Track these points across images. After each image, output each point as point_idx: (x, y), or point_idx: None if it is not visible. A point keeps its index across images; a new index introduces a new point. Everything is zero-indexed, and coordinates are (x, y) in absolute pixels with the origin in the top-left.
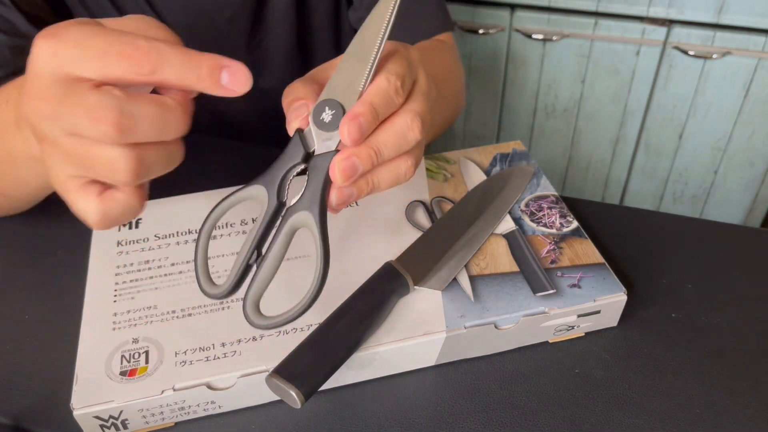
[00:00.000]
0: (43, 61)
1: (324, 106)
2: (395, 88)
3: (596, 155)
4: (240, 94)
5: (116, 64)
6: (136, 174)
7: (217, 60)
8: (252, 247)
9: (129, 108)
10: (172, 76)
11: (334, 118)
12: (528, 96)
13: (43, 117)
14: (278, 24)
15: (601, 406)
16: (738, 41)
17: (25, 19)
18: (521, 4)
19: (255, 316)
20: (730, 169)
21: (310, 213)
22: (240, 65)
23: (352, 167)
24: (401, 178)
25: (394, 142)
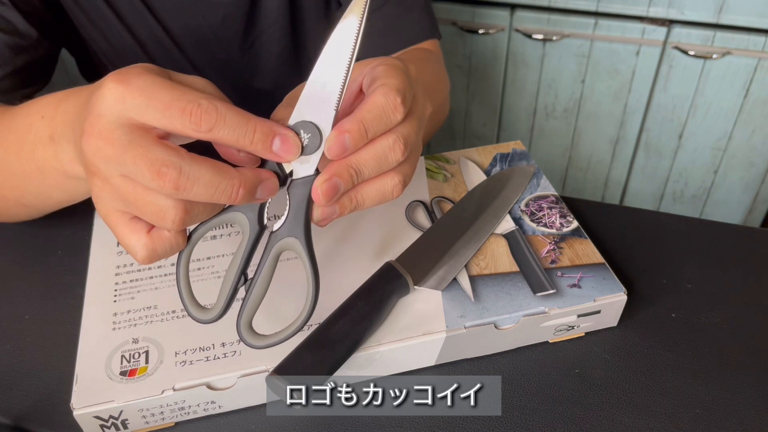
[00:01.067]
0: (110, 103)
1: (299, 129)
2: (394, 104)
3: (596, 155)
4: (289, 161)
5: (178, 118)
6: (182, 223)
7: (271, 126)
8: (239, 272)
9: (189, 169)
10: (227, 137)
11: (311, 141)
12: (528, 96)
13: (103, 157)
14: (271, 25)
15: (601, 406)
16: (738, 41)
17: (23, 18)
18: (521, 4)
19: (249, 337)
20: (730, 169)
21: (296, 239)
22: (292, 134)
23: (334, 188)
24: (387, 195)
25: (374, 163)
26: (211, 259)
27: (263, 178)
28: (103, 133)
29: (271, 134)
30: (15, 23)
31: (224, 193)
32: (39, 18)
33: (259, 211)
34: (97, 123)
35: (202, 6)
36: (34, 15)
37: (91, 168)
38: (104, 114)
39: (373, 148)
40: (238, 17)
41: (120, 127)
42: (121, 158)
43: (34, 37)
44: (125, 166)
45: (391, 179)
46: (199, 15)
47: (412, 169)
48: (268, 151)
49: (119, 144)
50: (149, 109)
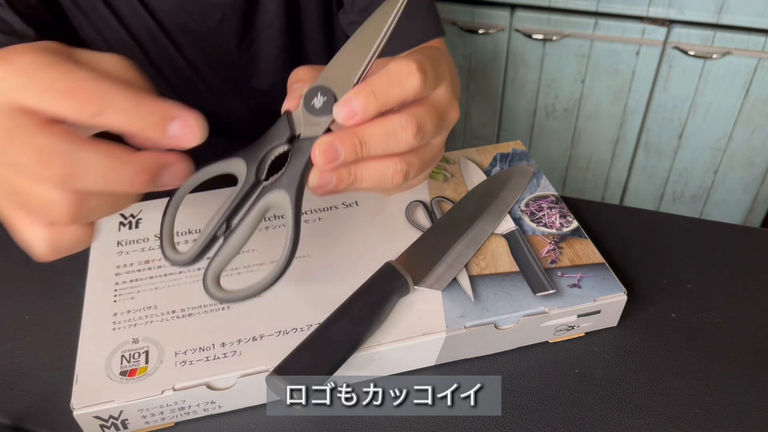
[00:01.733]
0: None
1: (317, 91)
2: (408, 69)
3: (596, 155)
4: (189, 146)
5: (59, 100)
6: (72, 218)
7: (168, 109)
8: (222, 219)
9: (80, 156)
10: (116, 121)
11: (325, 105)
12: (528, 96)
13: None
14: (269, 25)
15: (601, 406)
16: (738, 41)
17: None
18: (521, 4)
19: (214, 289)
20: (730, 169)
21: (286, 193)
22: (193, 116)
23: (334, 151)
24: (386, 181)
25: (382, 138)
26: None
27: (168, 162)
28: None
29: (169, 117)
30: (12, 23)
31: (121, 181)
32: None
33: (260, 163)
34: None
35: (200, 6)
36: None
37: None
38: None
39: (382, 122)
40: (236, 17)
41: (2, 111)
42: (3, 146)
43: (31, 37)
44: (9, 155)
45: (394, 164)
46: (198, 15)
47: (420, 165)
48: (164, 136)
49: (2, 130)
50: (29, 91)
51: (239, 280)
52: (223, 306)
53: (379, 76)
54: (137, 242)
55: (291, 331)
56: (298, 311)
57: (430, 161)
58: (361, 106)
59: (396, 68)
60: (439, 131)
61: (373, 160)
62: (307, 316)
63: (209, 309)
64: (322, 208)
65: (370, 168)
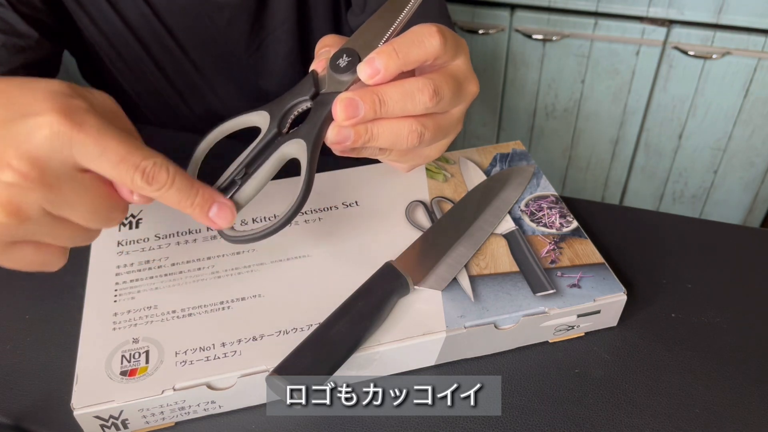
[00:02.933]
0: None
1: (342, 53)
2: (429, 31)
3: (596, 155)
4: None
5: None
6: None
7: (211, 194)
8: (241, 166)
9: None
10: (171, 199)
11: (349, 64)
12: (528, 96)
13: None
14: (278, 26)
15: (601, 406)
16: (738, 41)
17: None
18: (521, 4)
19: (227, 229)
20: (730, 169)
21: (304, 141)
22: (229, 204)
23: (354, 107)
24: (402, 139)
25: (400, 98)
26: (211, 258)
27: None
28: (36, 177)
29: (210, 201)
30: (13, 24)
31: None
32: (40, 19)
33: (283, 116)
34: (28, 165)
35: (207, 7)
36: (34, 16)
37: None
38: (40, 157)
39: (401, 83)
40: (245, 18)
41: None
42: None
43: (34, 38)
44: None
45: (410, 124)
46: (205, 16)
47: (436, 130)
48: (204, 215)
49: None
50: (101, 160)
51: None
52: (224, 306)
53: (402, 37)
54: (137, 242)
55: (291, 331)
56: (298, 311)
57: (447, 129)
58: (383, 64)
59: (418, 30)
60: (457, 101)
61: (391, 119)
62: (307, 316)
63: (209, 309)
64: (322, 208)
65: (387, 126)
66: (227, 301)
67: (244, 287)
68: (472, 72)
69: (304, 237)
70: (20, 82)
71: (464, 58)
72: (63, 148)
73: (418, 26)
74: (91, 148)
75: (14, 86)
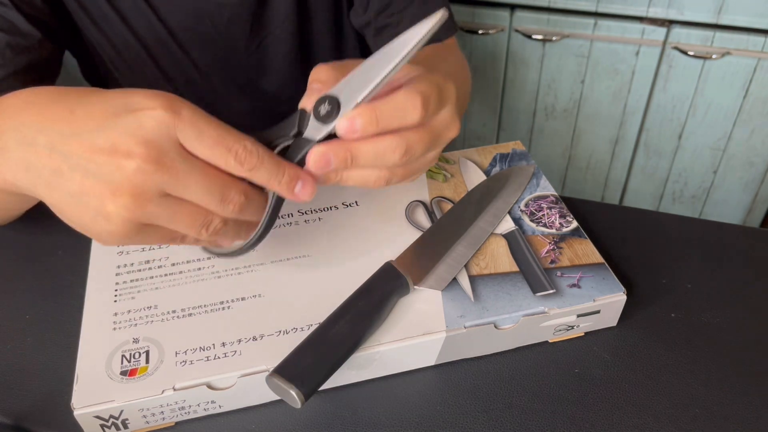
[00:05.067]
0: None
1: (325, 99)
2: (413, 104)
3: (596, 155)
4: (304, 201)
5: (223, 155)
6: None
7: (297, 171)
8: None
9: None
10: (261, 177)
11: (329, 114)
12: (528, 96)
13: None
14: (279, 26)
15: (601, 406)
16: (737, 41)
17: (24, 18)
18: (521, 5)
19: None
20: (730, 169)
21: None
22: (312, 179)
23: (327, 161)
24: (369, 184)
25: (371, 156)
26: (211, 258)
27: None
28: (154, 158)
29: (296, 178)
30: (16, 23)
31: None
32: (41, 19)
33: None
34: (145, 148)
35: (207, 6)
36: (36, 16)
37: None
38: (154, 140)
39: (374, 142)
40: (246, 18)
41: (174, 153)
42: (177, 181)
43: (36, 37)
44: (182, 188)
45: (378, 172)
46: (205, 15)
47: (404, 174)
48: (291, 191)
49: (178, 170)
50: (198, 143)
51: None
52: (223, 306)
53: (385, 102)
54: None
55: (291, 331)
56: (298, 311)
57: (417, 171)
58: (361, 127)
59: (402, 100)
60: (431, 150)
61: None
62: (307, 316)
63: (209, 309)
64: (322, 208)
65: (356, 173)
66: (227, 301)
67: (244, 287)
68: (454, 120)
69: (304, 237)
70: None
71: (449, 108)
72: (170, 131)
73: (404, 94)
74: (190, 132)
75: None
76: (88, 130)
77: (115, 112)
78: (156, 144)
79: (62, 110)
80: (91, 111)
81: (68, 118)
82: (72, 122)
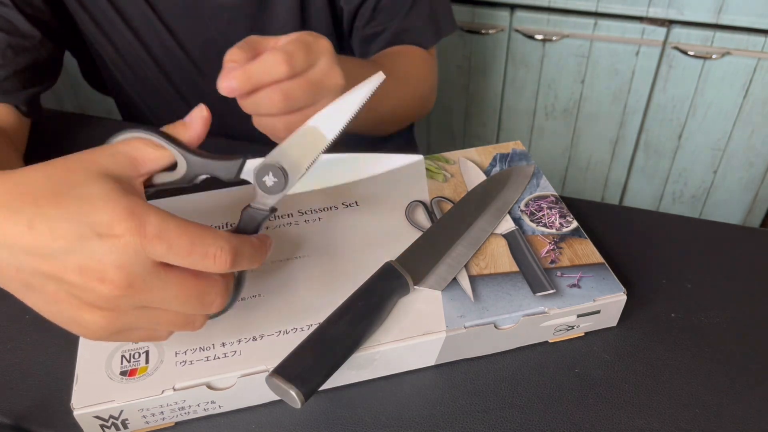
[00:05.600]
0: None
1: (268, 170)
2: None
3: (596, 155)
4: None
5: (201, 261)
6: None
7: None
8: None
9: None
10: (242, 267)
11: (275, 185)
12: (528, 96)
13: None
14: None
15: (601, 406)
16: (737, 41)
17: (25, 19)
18: (521, 5)
19: None
20: (730, 169)
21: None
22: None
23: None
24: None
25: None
26: None
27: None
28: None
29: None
30: (17, 24)
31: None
32: (42, 19)
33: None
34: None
35: (208, 7)
36: (36, 16)
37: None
38: (125, 264)
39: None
40: (244, 20)
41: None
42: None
43: (37, 38)
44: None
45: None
46: (206, 16)
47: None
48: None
49: (152, 287)
50: (172, 255)
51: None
52: None
53: (254, 63)
54: None
55: (291, 331)
56: (298, 311)
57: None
58: (238, 86)
59: (269, 58)
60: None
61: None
62: (307, 316)
63: None
64: (322, 208)
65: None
66: None
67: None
68: (332, 67)
69: (304, 237)
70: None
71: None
72: (139, 255)
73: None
74: (159, 249)
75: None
76: (55, 251)
77: (82, 233)
78: (127, 268)
79: (19, 222)
80: (53, 228)
81: (28, 234)
82: (35, 238)
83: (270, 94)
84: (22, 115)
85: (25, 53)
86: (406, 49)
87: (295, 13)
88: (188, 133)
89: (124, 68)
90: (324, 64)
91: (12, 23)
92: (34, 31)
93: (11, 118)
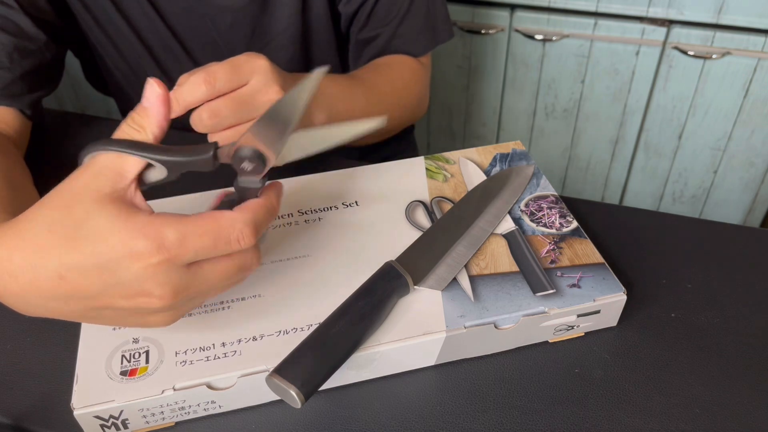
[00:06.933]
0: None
1: (244, 155)
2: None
3: (596, 155)
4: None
5: (227, 249)
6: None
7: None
8: None
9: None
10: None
11: (255, 169)
12: (528, 96)
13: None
14: (281, 32)
15: (601, 406)
16: (737, 41)
17: (31, 21)
18: (521, 4)
19: None
20: (730, 169)
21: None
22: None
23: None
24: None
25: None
26: None
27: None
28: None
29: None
30: (23, 26)
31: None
32: (47, 21)
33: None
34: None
35: (210, 10)
36: (41, 18)
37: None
38: (163, 282)
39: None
40: (246, 23)
41: (185, 277)
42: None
43: (42, 40)
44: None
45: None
46: (208, 18)
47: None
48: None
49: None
50: (201, 255)
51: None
52: (223, 306)
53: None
54: None
55: (291, 331)
56: (298, 311)
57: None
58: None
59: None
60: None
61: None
62: (307, 316)
63: (209, 309)
64: (322, 208)
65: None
66: (227, 301)
67: (244, 287)
68: (267, 84)
69: (304, 237)
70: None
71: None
72: (170, 268)
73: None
74: (186, 257)
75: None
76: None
77: (110, 269)
78: (166, 282)
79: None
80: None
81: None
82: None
83: (199, 113)
84: (26, 118)
85: (30, 56)
86: (394, 59)
87: (296, 17)
88: (151, 122)
89: (126, 69)
90: (257, 82)
91: (18, 26)
92: (39, 33)
93: (17, 123)
